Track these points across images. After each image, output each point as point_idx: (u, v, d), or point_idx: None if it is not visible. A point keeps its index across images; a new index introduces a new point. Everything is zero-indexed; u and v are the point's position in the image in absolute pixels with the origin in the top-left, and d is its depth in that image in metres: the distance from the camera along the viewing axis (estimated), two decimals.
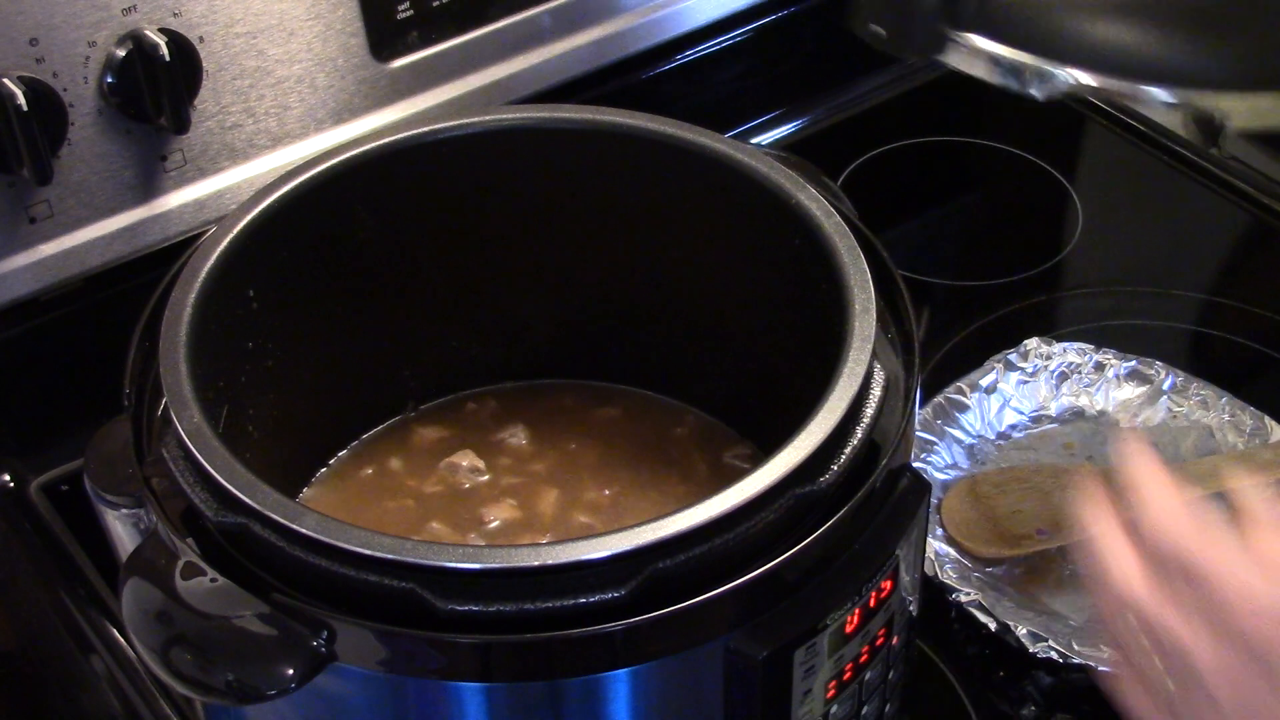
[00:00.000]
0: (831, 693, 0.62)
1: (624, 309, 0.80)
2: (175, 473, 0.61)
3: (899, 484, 0.63)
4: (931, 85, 1.21)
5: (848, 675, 0.62)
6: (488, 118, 0.73)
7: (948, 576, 0.85)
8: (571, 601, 0.55)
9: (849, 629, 0.60)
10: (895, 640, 0.65)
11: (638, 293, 0.79)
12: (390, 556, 0.56)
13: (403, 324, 0.77)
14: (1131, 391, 0.97)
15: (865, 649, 0.62)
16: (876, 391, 0.63)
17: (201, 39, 0.84)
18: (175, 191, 0.88)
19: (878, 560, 0.61)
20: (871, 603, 0.61)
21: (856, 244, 0.67)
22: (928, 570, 0.86)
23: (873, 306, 0.64)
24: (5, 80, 0.78)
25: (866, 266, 0.66)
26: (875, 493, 0.61)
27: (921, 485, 0.64)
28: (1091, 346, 0.99)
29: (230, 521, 0.58)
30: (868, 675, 0.64)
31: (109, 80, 0.82)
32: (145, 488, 0.62)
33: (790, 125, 1.17)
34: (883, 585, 0.61)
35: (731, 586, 0.56)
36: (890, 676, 0.66)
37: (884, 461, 0.61)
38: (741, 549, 0.57)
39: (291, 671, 0.55)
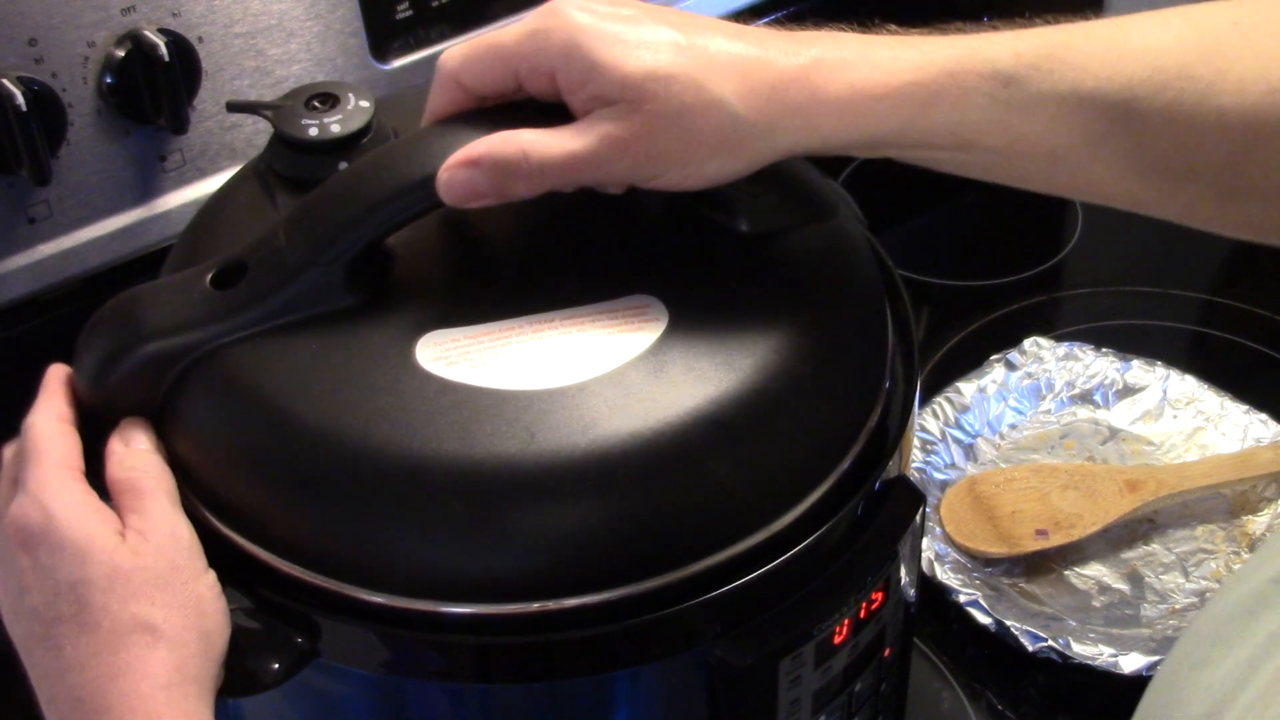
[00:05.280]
0: (819, 704, 0.61)
1: None
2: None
3: (893, 494, 0.62)
4: None
5: (836, 687, 0.61)
6: None
7: (947, 576, 0.86)
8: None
9: (837, 640, 0.60)
10: (887, 652, 0.64)
11: None
12: None
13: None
14: (1131, 392, 0.97)
15: (855, 660, 0.62)
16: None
17: (200, 39, 0.84)
18: (174, 192, 0.87)
19: (869, 571, 0.60)
20: (862, 614, 0.60)
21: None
22: (927, 570, 0.86)
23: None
24: (4, 80, 0.78)
25: None
26: (869, 501, 0.60)
27: (915, 495, 0.63)
28: (1091, 346, 0.99)
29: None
30: (858, 687, 0.63)
31: (108, 80, 0.82)
32: None
33: None
34: (874, 596, 0.61)
35: (717, 593, 0.56)
36: (882, 689, 0.65)
37: (879, 469, 0.61)
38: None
39: (276, 667, 0.56)
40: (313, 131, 0.65)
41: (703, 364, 0.57)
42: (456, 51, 0.61)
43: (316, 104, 0.66)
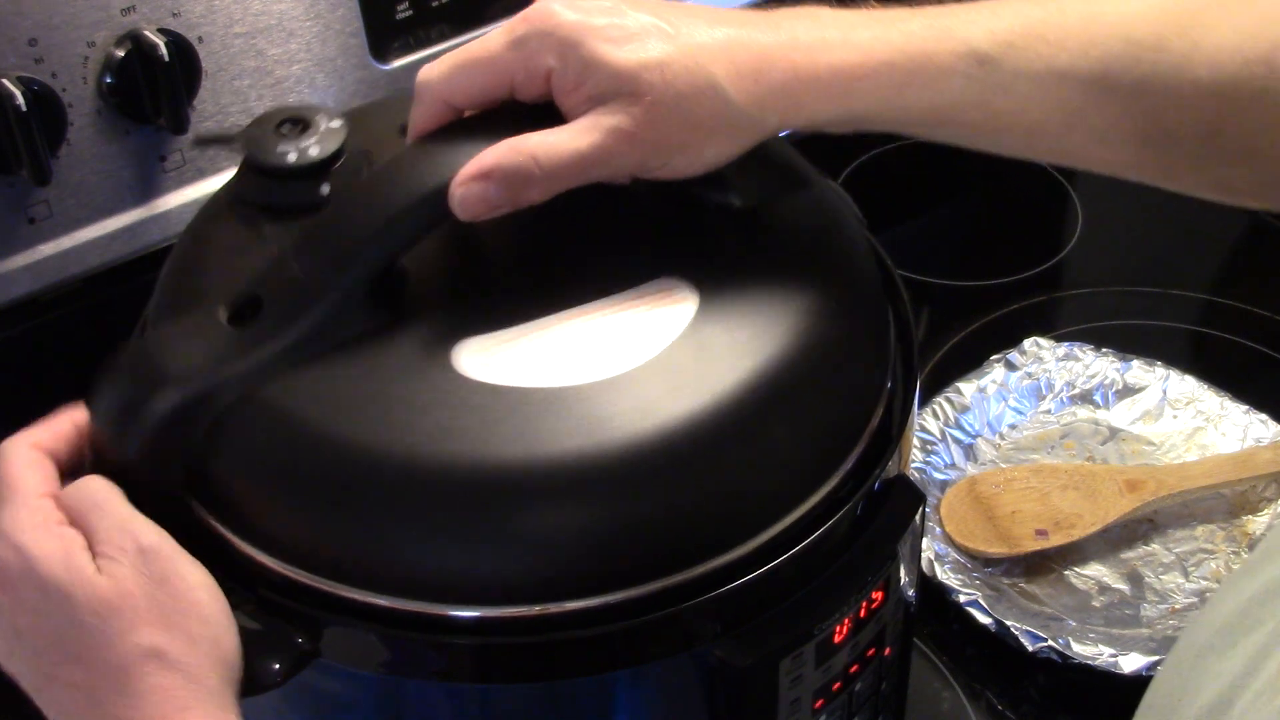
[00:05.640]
0: (819, 703, 0.61)
1: None
2: None
3: (892, 493, 0.62)
4: None
5: (836, 686, 0.61)
6: None
7: (947, 576, 0.86)
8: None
9: (837, 639, 0.60)
10: (888, 651, 0.64)
11: None
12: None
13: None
14: (1131, 392, 0.97)
15: (855, 660, 0.62)
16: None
17: (200, 39, 0.84)
18: (174, 192, 0.87)
19: (870, 570, 0.60)
20: (862, 613, 0.60)
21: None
22: (927, 570, 0.86)
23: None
24: (4, 80, 0.78)
25: None
26: (868, 502, 0.60)
27: (915, 495, 0.63)
28: (1091, 346, 0.99)
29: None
30: (858, 686, 0.63)
31: (108, 80, 0.82)
32: None
33: None
34: (874, 596, 0.61)
35: (717, 593, 0.56)
36: (883, 688, 0.65)
37: (879, 469, 0.61)
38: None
39: (277, 667, 0.55)
40: (291, 157, 0.64)
41: (702, 369, 0.57)
42: (438, 71, 0.60)
43: (286, 128, 0.65)
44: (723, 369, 0.57)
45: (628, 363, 0.58)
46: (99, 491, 0.57)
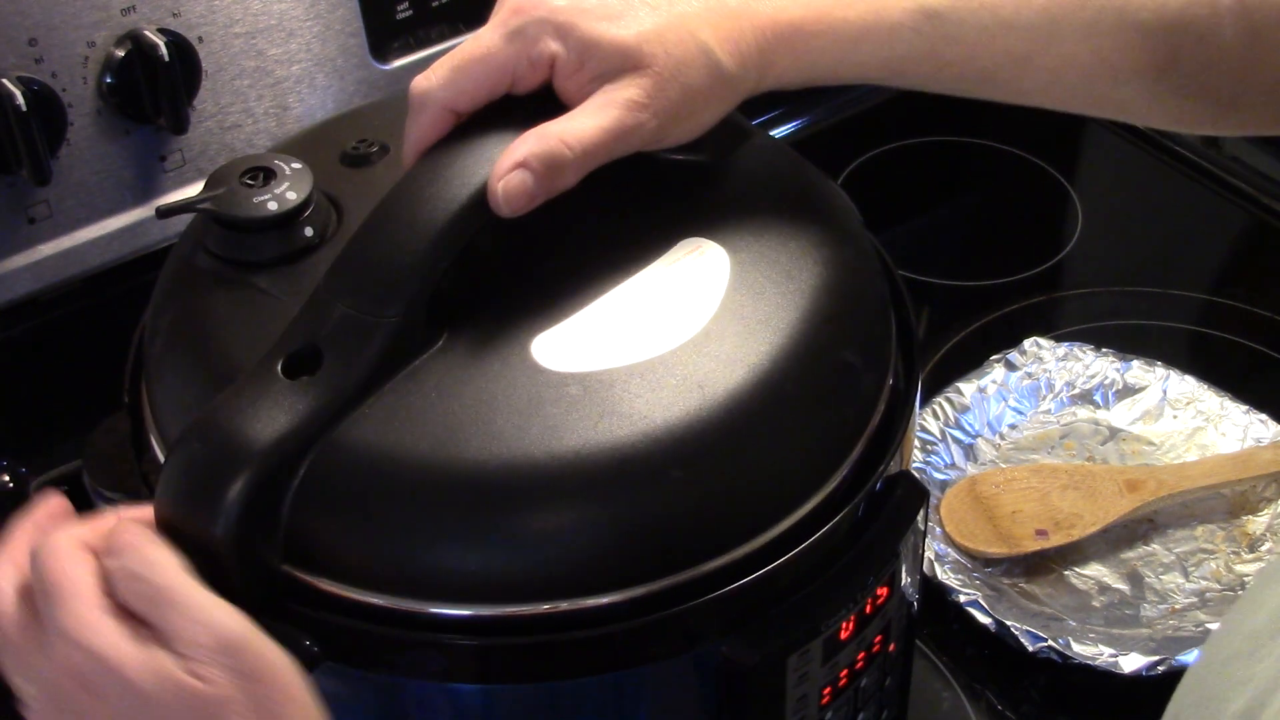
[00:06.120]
0: (826, 699, 0.61)
1: None
2: None
3: (896, 489, 0.62)
4: None
5: (843, 682, 0.62)
6: None
7: (947, 576, 0.85)
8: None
9: (844, 635, 0.60)
10: (892, 647, 0.65)
11: None
12: None
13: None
14: (1131, 392, 0.97)
15: (861, 656, 0.62)
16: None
17: (200, 39, 0.84)
18: (174, 192, 0.88)
19: (874, 566, 0.60)
20: (868, 609, 0.60)
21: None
22: (927, 570, 0.86)
23: None
24: (4, 80, 0.78)
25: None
26: (872, 498, 0.61)
27: (919, 491, 0.63)
28: (1091, 346, 0.99)
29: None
30: (863, 682, 0.63)
31: (108, 80, 0.82)
32: (143, 484, 0.62)
33: (790, 125, 1.17)
34: (879, 592, 0.61)
35: (724, 591, 0.56)
36: (887, 684, 0.66)
37: (882, 467, 0.61)
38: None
39: None
40: (273, 205, 0.62)
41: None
42: (437, 79, 0.60)
43: (248, 179, 0.63)
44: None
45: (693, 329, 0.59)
46: (159, 570, 0.52)
